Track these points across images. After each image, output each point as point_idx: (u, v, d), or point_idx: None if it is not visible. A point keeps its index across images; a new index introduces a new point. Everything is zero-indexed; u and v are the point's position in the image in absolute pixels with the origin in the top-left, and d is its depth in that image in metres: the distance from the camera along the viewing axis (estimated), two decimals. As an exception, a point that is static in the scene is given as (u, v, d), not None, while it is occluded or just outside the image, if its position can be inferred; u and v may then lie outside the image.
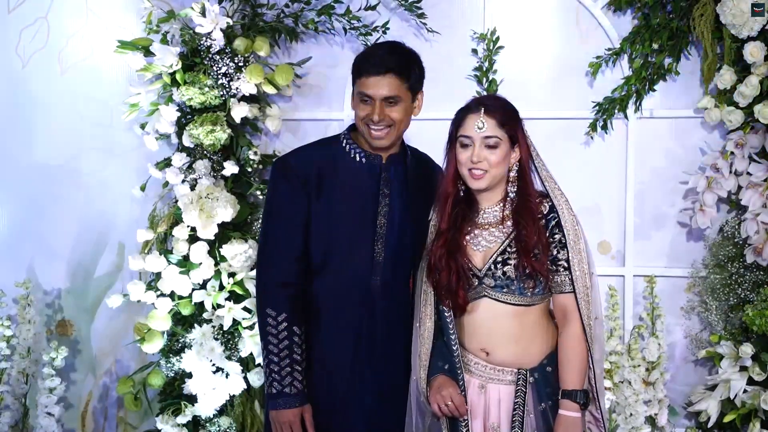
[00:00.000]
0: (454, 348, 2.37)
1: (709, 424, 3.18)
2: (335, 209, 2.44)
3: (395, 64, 2.38)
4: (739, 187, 3.18)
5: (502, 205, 2.37)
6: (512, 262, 2.31)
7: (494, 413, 2.36)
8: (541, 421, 2.32)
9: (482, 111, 2.30)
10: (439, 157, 2.50)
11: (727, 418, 3.13)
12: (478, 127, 2.30)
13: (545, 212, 2.34)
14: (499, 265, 2.32)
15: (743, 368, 3.11)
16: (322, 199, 2.44)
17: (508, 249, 2.32)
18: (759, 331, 3.05)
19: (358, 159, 2.49)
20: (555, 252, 2.32)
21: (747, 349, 3.07)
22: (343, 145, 2.51)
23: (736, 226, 3.17)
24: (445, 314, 2.38)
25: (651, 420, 3.21)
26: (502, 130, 2.31)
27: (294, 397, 2.39)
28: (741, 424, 3.13)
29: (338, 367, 2.46)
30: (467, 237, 2.37)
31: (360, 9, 3.30)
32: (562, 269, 2.32)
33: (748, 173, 3.15)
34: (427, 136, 3.03)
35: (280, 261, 2.43)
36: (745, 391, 3.10)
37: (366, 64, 2.39)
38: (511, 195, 2.36)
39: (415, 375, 2.41)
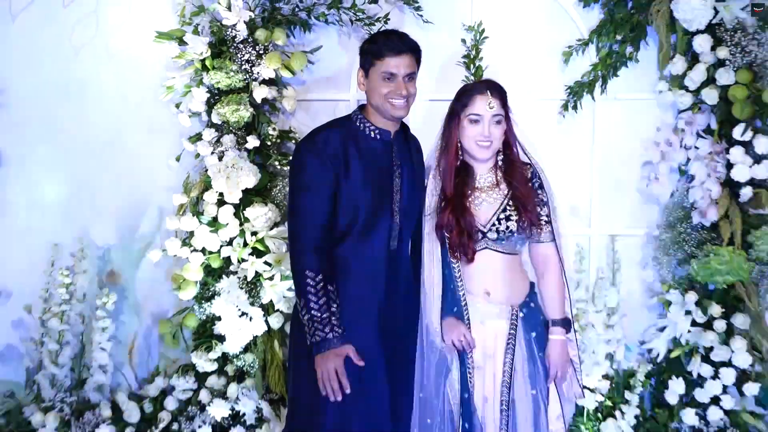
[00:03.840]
0: (461, 293, 2.56)
1: (659, 359, 3.40)
2: (360, 184, 2.53)
3: (412, 45, 2.57)
4: (688, 159, 3.38)
5: (494, 171, 2.61)
6: (514, 217, 2.54)
7: (490, 344, 2.56)
8: (527, 348, 2.57)
9: (489, 93, 2.54)
10: (432, 134, 2.67)
11: (674, 354, 3.35)
12: (489, 106, 2.54)
13: (529, 177, 2.61)
14: (502, 221, 2.54)
15: (688, 312, 3.31)
16: (349, 174, 2.52)
17: (508, 207, 2.55)
18: (702, 281, 3.29)
19: (372, 135, 2.59)
20: (538, 209, 2.59)
21: (691, 297, 3.31)
22: (357, 124, 2.60)
23: (685, 192, 3.36)
24: (453, 265, 2.56)
25: (610, 356, 3.43)
26: (504, 109, 2.58)
27: (336, 339, 2.46)
28: (685, 359, 3.35)
29: (364, 319, 2.55)
30: (470, 199, 2.58)
31: (365, 2, 3.45)
32: (544, 222, 2.59)
33: (696, 147, 3.35)
34: (421, 115, 3.23)
35: (314, 229, 2.49)
36: (689, 331, 3.31)
37: (388, 47, 2.52)
38: (500, 162, 2.61)
39: (425, 318, 2.57)
